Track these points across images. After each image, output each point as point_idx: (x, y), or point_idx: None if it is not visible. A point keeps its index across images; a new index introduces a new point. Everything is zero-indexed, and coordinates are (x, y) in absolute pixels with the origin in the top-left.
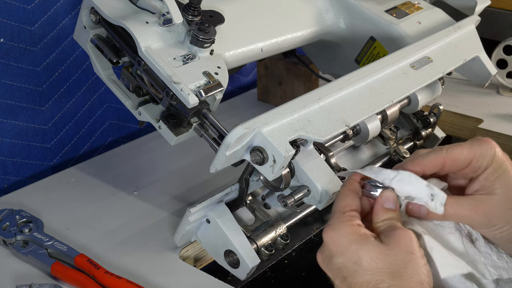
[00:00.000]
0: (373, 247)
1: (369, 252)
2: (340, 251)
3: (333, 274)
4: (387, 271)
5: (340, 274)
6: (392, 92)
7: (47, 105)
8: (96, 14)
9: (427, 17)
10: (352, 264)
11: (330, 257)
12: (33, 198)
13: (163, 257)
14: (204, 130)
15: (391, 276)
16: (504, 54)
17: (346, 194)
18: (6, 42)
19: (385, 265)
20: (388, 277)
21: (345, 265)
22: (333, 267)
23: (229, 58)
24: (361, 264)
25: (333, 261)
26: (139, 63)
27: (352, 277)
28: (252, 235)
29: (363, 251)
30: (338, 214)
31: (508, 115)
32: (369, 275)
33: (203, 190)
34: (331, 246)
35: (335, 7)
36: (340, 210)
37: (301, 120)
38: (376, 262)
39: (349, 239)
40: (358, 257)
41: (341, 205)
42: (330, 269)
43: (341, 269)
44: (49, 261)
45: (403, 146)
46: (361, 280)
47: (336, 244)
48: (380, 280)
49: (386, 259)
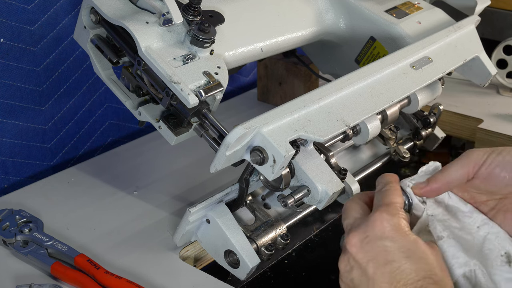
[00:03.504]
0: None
1: (422, 246)
2: (393, 236)
3: (371, 255)
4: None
5: (382, 257)
6: (392, 92)
7: (47, 105)
8: (96, 14)
9: (427, 17)
10: (405, 250)
11: (377, 238)
12: (33, 198)
13: (163, 257)
14: (204, 130)
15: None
16: (504, 54)
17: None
18: (6, 42)
19: (435, 261)
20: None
21: (394, 249)
22: (375, 249)
23: (229, 58)
24: (415, 252)
25: (379, 242)
26: (139, 63)
27: (400, 262)
28: (252, 235)
29: (417, 244)
30: (395, 206)
31: (508, 115)
32: (423, 264)
33: (203, 190)
34: (384, 228)
35: (335, 7)
36: (398, 203)
37: (301, 120)
38: (428, 255)
39: (404, 229)
40: (415, 245)
41: (398, 200)
42: (368, 250)
43: (388, 252)
44: (49, 261)
45: (403, 146)
46: (412, 267)
47: (392, 228)
48: (433, 272)
49: (435, 257)
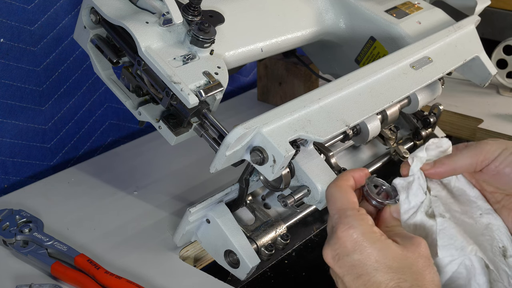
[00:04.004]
0: (395, 247)
1: (391, 252)
2: (359, 249)
3: (345, 271)
4: (409, 271)
5: (354, 271)
6: (392, 92)
7: (47, 105)
8: (96, 14)
9: (427, 17)
10: (372, 262)
11: (345, 254)
12: (33, 198)
13: (163, 257)
14: (204, 130)
15: (414, 277)
16: (504, 54)
17: (348, 191)
18: (6, 42)
19: (407, 265)
20: (411, 277)
21: (363, 263)
22: (346, 264)
23: (229, 58)
24: (383, 262)
25: (348, 258)
26: (139, 63)
27: (370, 274)
28: (252, 235)
29: (386, 250)
30: (353, 211)
31: (508, 115)
32: (391, 273)
33: (203, 190)
34: (348, 243)
35: (335, 7)
36: (353, 207)
37: (301, 120)
38: (398, 262)
39: (369, 237)
40: (381, 255)
41: (352, 201)
42: (341, 266)
43: (357, 266)
44: (49, 261)
45: (403, 146)
46: (381, 279)
47: (355, 241)
48: (403, 279)
49: (407, 260)
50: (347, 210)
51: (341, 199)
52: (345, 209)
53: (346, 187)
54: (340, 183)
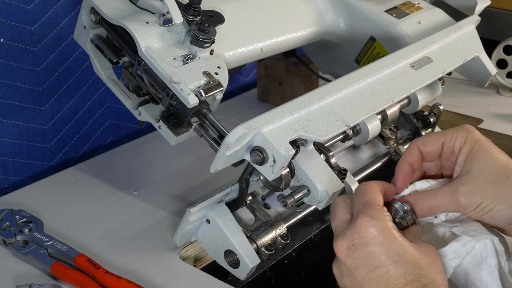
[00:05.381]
0: (416, 245)
1: (411, 249)
2: (380, 241)
3: (359, 262)
4: (427, 270)
5: (370, 263)
6: (392, 92)
7: (47, 105)
8: (96, 14)
9: (427, 17)
10: (393, 255)
11: (364, 244)
12: (33, 198)
13: (163, 257)
14: (204, 130)
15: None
16: (504, 54)
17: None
18: (6, 42)
19: (426, 264)
20: (429, 275)
21: (383, 255)
22: (362, 255)
23: (229, 58)
24: (404, 256)
25: (366, 248)
26: (139, 63)
27: (389, 267)
28: (252, 235)
29: (406, 247)
30: (378, 207)
31: (508, 115)
32: (412, 267)
33: (203, 190)
34: (369, 233)
35: (335, 7)
36: (380, 205)
37: (301, 120)
38: (417, 259)
39: (390, 232)
40: (402, 249)
41: (380, 199)
42: (355, 257)
43: (375, 258)
44: (49, 261)
45: (403, 146)
46: (401, 271)
47: (376, 233)
48: (422, 275)
49: (427, 259)
50: (373, 205)
51: (371, 194)
52: (371, 204)
53: (378, 189)
54: (374, 184)
